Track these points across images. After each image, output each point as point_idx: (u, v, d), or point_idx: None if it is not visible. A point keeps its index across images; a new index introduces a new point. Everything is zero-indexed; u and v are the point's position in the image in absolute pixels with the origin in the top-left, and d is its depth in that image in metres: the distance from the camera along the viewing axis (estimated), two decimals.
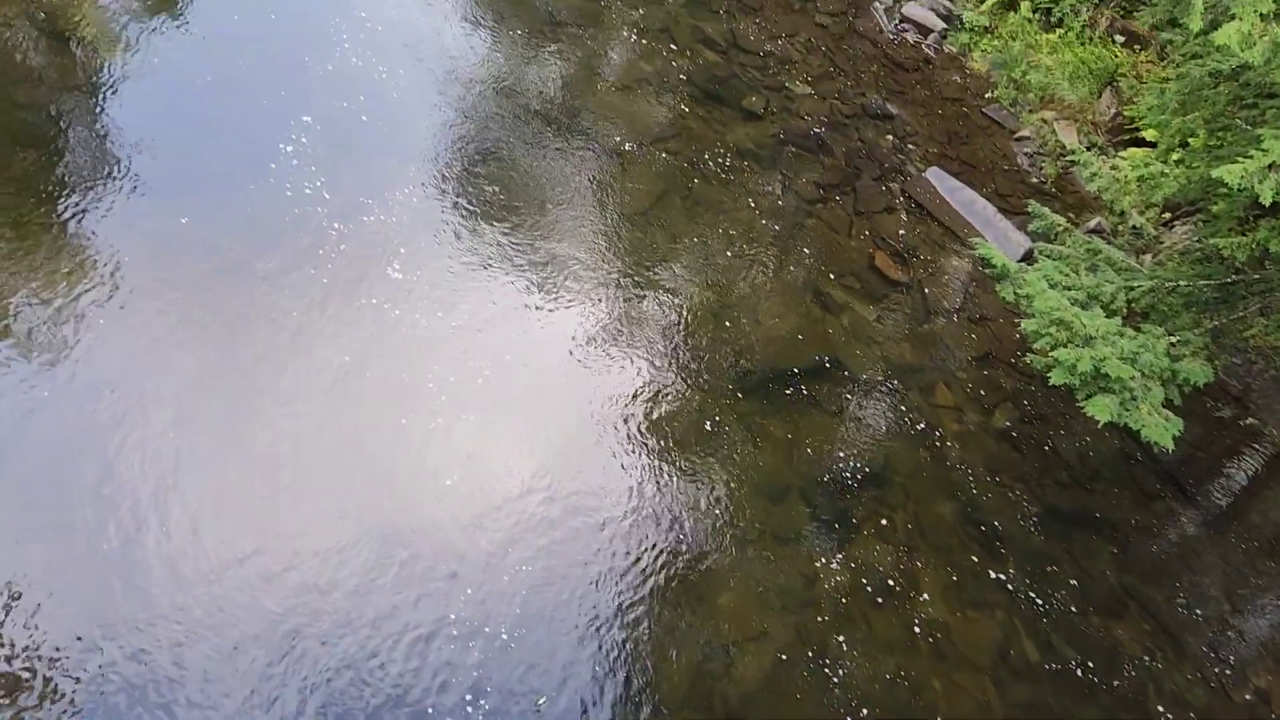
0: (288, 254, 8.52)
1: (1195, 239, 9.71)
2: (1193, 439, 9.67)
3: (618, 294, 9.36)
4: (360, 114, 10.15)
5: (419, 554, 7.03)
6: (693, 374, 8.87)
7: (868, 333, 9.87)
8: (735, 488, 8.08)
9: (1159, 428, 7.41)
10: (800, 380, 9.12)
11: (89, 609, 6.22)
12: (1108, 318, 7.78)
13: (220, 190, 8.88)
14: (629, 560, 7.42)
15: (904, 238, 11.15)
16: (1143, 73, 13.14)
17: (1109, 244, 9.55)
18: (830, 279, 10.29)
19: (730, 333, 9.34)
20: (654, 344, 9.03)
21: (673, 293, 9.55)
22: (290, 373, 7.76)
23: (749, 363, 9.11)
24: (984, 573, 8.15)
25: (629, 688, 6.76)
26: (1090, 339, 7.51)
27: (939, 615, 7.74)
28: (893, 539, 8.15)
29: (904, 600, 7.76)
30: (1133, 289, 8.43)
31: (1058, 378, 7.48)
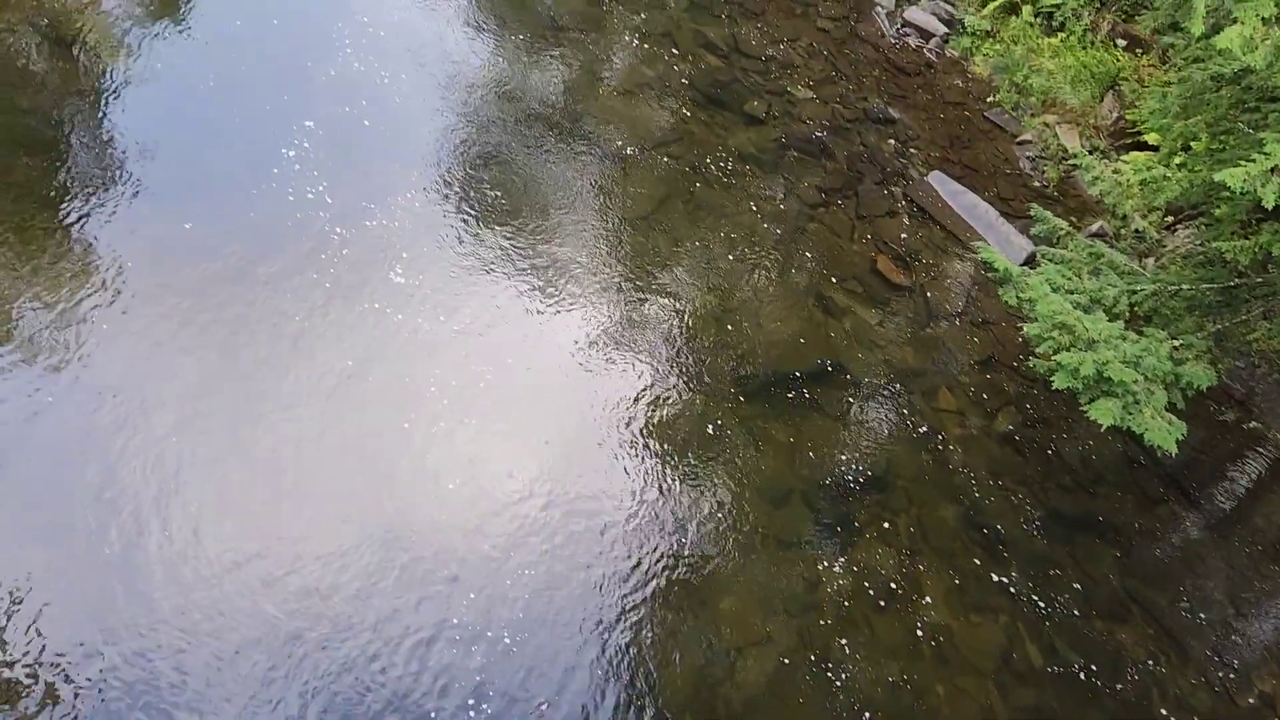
0: (290, 258, 8.53)
1: (1198, 242, 9.71)
2: (1196, 443, 9.66)
3: (619, 298, 9.36)
4: (363, 119, 10.16)
5: (420, 557, 7.02)
6: (694, 377, 8.86)
7: (870, 336, 9.86)
8: (737, 491, 8.08)
9: (1162, 431, 7.41)
10: (802, 384, 9.11)
11: (90, 613, 6.22)
12: (1110, 321, 7.79)
13: (223, 195, 8.89)
14: (631, 564, 7.41)
15: (906, 242, 11.15)
16: (1145, 77, 13.16)
17: (1111, 248, 9.54)
18: (832, 283, 10.28)
19: (732, 336, 9.33)
20: (656, 348, 9.03)
21: (674, 296, 9.55)
22: (292, 377, 7.76)
23: (751, 366, 9.11)
24: (987, 577, 8.14)
25: (631, 692, 6.75)
26: (1093, 343, 7.52)
27: (942, 619, 7.72)
28: (895, 543, 8.14)
29: (907, 604, 7.75)
30: (1135, 293, 8.43)
31: (1060, 381, 7.50)
